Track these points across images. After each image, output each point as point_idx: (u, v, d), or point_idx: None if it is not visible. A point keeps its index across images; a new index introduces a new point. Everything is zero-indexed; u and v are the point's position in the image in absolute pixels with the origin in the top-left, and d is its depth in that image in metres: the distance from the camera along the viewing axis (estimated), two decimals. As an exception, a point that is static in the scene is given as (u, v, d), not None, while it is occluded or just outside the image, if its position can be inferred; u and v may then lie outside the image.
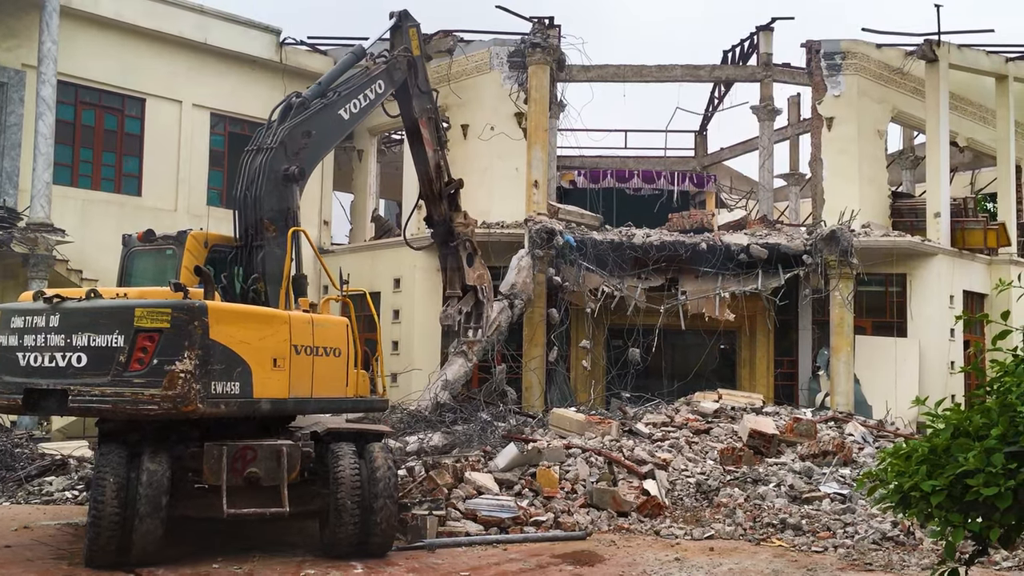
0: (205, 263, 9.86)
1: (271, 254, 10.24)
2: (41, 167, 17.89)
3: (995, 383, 4.56)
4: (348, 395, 10.00)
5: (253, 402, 8.74)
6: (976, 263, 22.23)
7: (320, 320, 9.80)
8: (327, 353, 9.60)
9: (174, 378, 8.12)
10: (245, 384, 8.64)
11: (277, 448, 8.88)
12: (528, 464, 12.39)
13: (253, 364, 8.70)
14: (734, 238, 20.03)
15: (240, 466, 8.67)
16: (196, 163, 22.40)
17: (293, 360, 9.13)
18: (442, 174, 15.18)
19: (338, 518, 8.98)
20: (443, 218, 15.46)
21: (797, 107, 27.87)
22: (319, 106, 11.54)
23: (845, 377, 19.58)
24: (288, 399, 9.10)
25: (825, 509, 11.61)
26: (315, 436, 9.40)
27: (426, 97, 14.60)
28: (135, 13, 21.24)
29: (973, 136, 25.52)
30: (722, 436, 14.81)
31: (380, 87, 13.08)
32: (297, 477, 8.99)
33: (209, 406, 8.32)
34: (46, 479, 13.19)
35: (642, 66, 23.94)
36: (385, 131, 26.05)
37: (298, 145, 10.91)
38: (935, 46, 22.12)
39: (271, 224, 10.35)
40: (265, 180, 10.49)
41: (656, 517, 11.47)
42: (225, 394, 8.47)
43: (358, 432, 9.59)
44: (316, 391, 9.40)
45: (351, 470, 9.05)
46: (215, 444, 8.63)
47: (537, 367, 19.28)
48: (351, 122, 12.41)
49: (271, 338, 8.97)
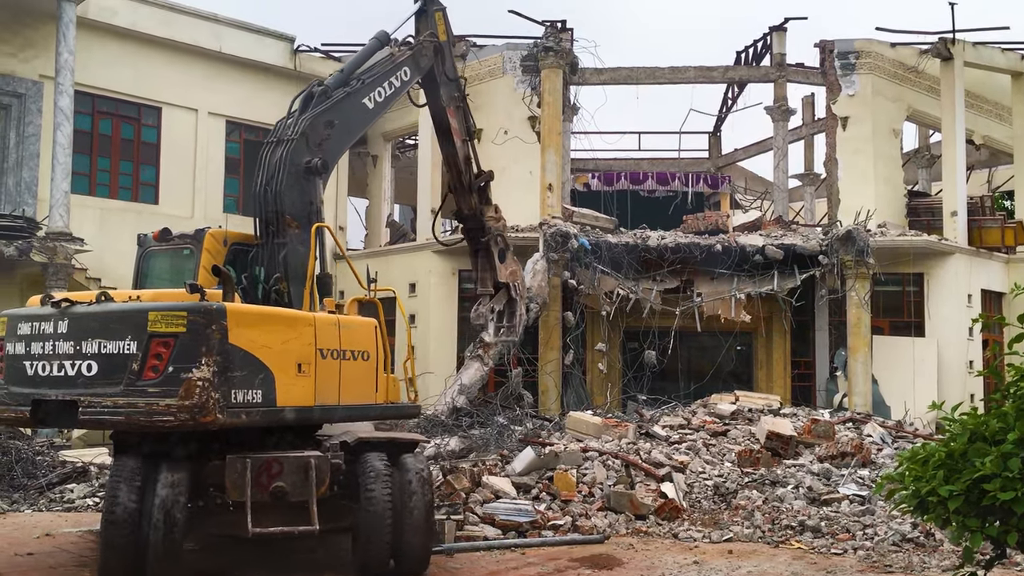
0: (224, 263, 9.39)
1: (294, 252, 9.61)
2: (59, 177, 18.05)
3: (1012, 387, 4.56)
4: (378, 401, 9.36)
5: (277, 411, 8.16)
6: (994, 262, 22.09)
7: (347, 322, 9.15)
8: (355, 357, 9.01)
9: (191, 387, 7.53)
10: (268, 392, 8.07)
11: (305, 460, 8.23)
12: (545, 468, 12.42)
13: (276, 370, 8.14)
14: (749, 239, 19.99)
15: (265, 480, 8.05)
16: (212, 170, 22.56)
17: (319, 365, 8.55)
18: (471, 166, 14.52)
19: (369, 536, 8.35)
20: (473, 212, 14.90)
21: (811, 107, 27.77)
22: (342, 95, 10.86)
23: (863, 378, 19.49)
24: (314, 407, 8.51)
25: (844, 511, 11.57)
26: (344, 446, 8.73)
27: (453, 85, 13.98)
28: (151, 23, 21.44)
29: (989, 134, 25.38)
30: (739, 438, 14.78)
31: (406, 74, 12.42)
32: (327, 491, 8.35)
33: (229, 416, 7.74)
34: (67, 486, 13.31)
35: (655, 68, 23.94)
36: (399, 136, 26.15)
37: (320, 136, 10.27)
38: (950, 44, 22.01)
39: (293, 220, 9.72)
40: (286, 173, 9.84)
41: (674, 520, 11.46)
42: (246, 403, 7.91)
43: (390, 441, 9.03)
44: (344, 398, 8.83)
45: (383, 483, 8.44)
46: (238, 457, 8.03)
47: (553, 370, 19.29)
48: (376, 111, 11.72)
49: (295, 342, 8.39)
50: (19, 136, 19.66)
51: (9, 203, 19.26)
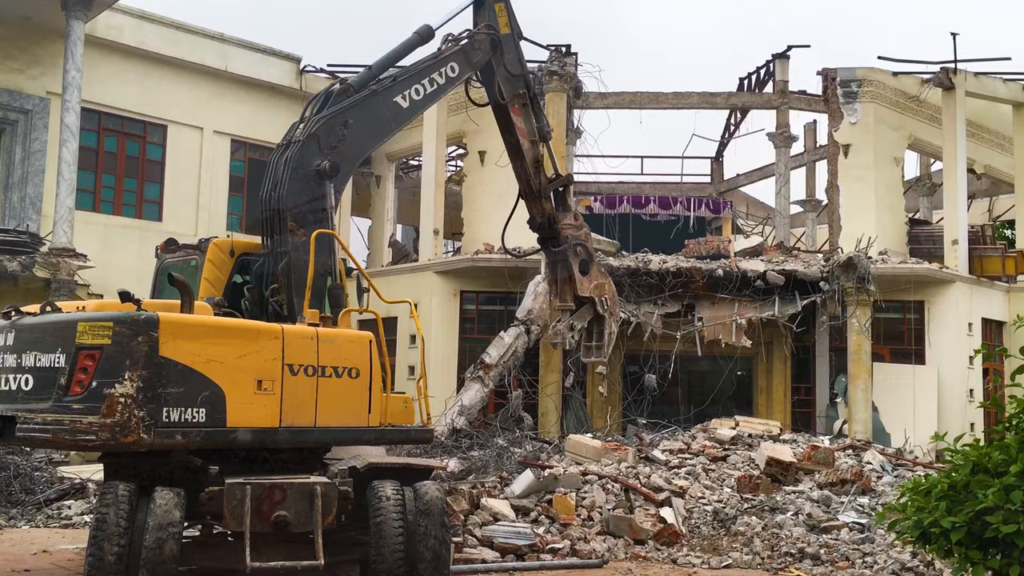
0: (232, 274, 9.00)
1: (297, 261, 8.90)
2: (64, 193, 18.13)
3: (1014, 419, 4.57)
4: (373, 424, 8.46)
5: (226, 432, 7.46)
6: (994, 291, 22.12)
7: (329, 335, 8.28)
8: (339, 374, 8.18)
9: (113, 403, 6.94)
10: (215, 410, 7.39)
11: (310, 487, 7.59)
12: (544, 491, 12.37)
13: (227, 387, 7.46)
14: (751, 264, 20.03)
15: (267, 509, 7.41)
16: (216, 189, 22.66)
17: (288, 382, 7.81)
18: (541, 169, 13.14)
19: (379, 572, 7.70)
20: (546, 220, 13.41)
21: (813, 134, 27.90)
22: (366, 93, 10.04)
23: (863, 405, 19.47)
24: (279, 429, 7.76)
25: (844, 538, 11.53)
26: (354, 472, 8.08)
27: (518, 81, 12.53)
28: (158, 41, 21.60)
29: (991, 163, 25.47)
30: (739, 463, 14.75)
31: (452, 70, 11.25)
32: (333, 522, 7.70)
33: (159, 437, 7.12)
34: (65, 503, 13.28)
35: (658, 93, 24.07)
36: (403, 156, 26.25)
37: (335, 137, 9.48)
38: (952, 74, 22.14)
39: (298, 227, 9.02)
40: (290, 176, 9.17)
41: (673, 545, 11.42)
42: (184, 422, 7.24)
43: (404, 467, 8.37)
44: (323, 419, 8.04)
45: (395, 513, 7.76)
46: (237, 483, 7.40)
47: (553, 393, 19.28)
48: (412, 111, 10.69)
49: (255, 356, 7.66)
50: (25, 152, 19.76)
51: (13, 218, 19.33)
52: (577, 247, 13.52)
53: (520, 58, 12.56)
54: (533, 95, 12.80)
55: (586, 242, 13.65)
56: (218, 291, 8.93)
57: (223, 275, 9.10)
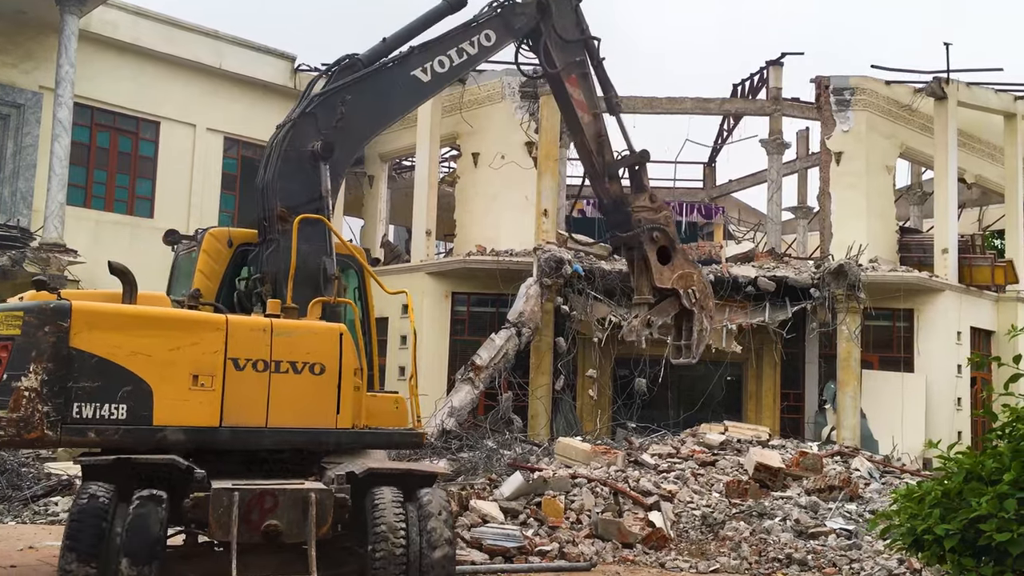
0: (229, 265, 8.52)
1: (286, 249, 8.28)
2: (55, 188, 18.05)
3: (1007, 427, 4.60)
4: (342, 426, 7.78)
5: (152, 431, 6.92)
6: (984, 300, 22.23)
7: (286, 327, 7.59)
8: (298, 370, 7.50)
9: (19, 397, 6.52)
10: (139, 407, 6.87)
11: (304, 494, 7.03)
12: (534, 493, 12.38)
13: (154, 381, 6.92)
14: (742, 270, 20.08)
15: (256, 517, 6.84)
16: (209, 186, 22.59)
17: (231, 377, 7.21)
18: (605, 145, 11.72)
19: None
20: (613, 202, 11.96)
21: (806, 141, 28.00)
22: (376, 67, 9.30)
23: (852, 411, 19.54)
24: (220, 428, 7.18)
25: (831, 545, 11.57)
26: (351, 478, 7.43)
27: (575, 47, 11.24)
28: (152, 38, 21.52)
29: (981, 173, 25.61)
30: (728, 468, 14.78)
31: (488, 39, 10.13)
32: (329, 531, 7.16)
33: (69, 434, 6.67)
34: (52, 499, 13.23)
35: (652, 98, 24.09)
36: (396, 156, 26.24)
37: (334, 116, 8.78)
38: (944, 84, 22.25)
39: (289, 213, 8.39)
40: (282, 158, 8.59)
41: (661, 549, 11.44)
42: (100, 419, 6.73)
43: (406, 473, 7.68)
44: (277, 419, 7.41)
45: (396, 523, 7.16)
46: (224, 488, 6.84)
47: (543, 395, 19.28)
48: (434, 85, 9.72)
49: (191, 349, 7.08)
50: (17, 146, 19.67)
51: (4, 213, 19.23)
52: (655, 232, 11.92)
53: (579, 22, 11.22)
54: (598, 62, 11.44)
55: (666, 226, 12.07)
56: (214, 284, 8.43)
57: (219, 267, 8.58)
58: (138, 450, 6.86)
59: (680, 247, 12.31)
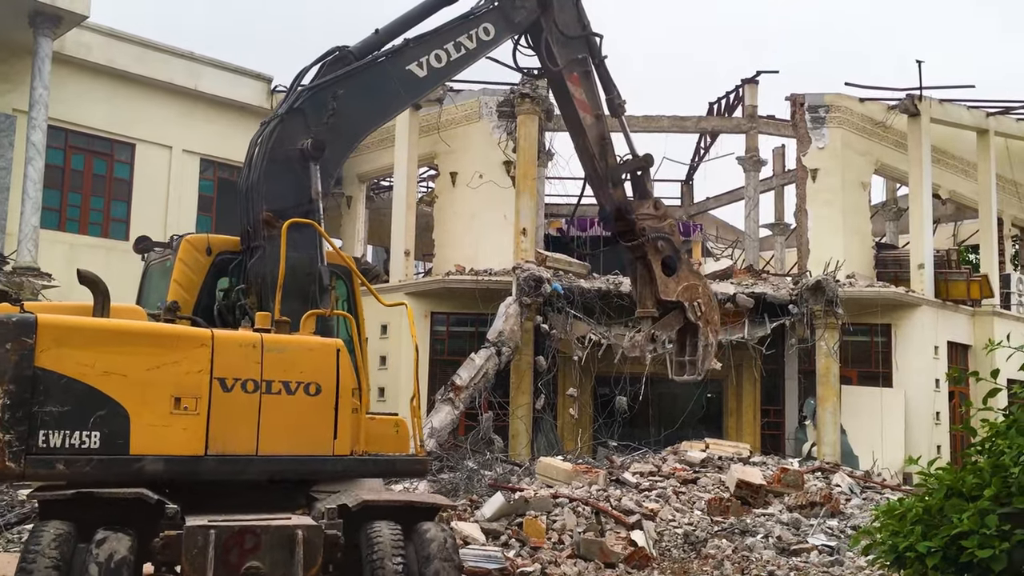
0: (209, 275, 7.89)
1: (271, 257, 7.57)
2: (29, 211, 17.89)
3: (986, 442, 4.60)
4: (340, 453, 7.03)
5: (129, 461, 6.21)
6: (960, 314, 22.40)
7: (278, 343, 6.87)
8: (292, 390, 6.80)
9: None
10: (115, 434, 6.16)
11: (290, 531, 6.26)
12: (515, 514, 12.29)
13: (131, 405, 6.23)
14: (720, 287, 20.13)
15: (235, 558, 6.10)
16: (185, 208, 22.45)
17: (217, 400, 6.52)
18: (608, 149, 11.07)
19: None
20: (616, 208, 11.25)
21: (782, 158, 28.23)
22: (367, 61, 8.75)
23: (832, 427, 19.60)
24: (206, 457, 6.46)
25: (813, 561, 11.55)
26: (344, 512, 6.65)
27: (578, 44, 10.68)
28: (127, 59, 21.44)
29: (955, 188, 25.87)
30: (709, 486, 14.75)
31: (487, 32, 9.62)
32: (319, 573, 6.37)
33: (32, 466, 5.95)
34: (26, 526, 13.00)
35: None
36: (374, 177, 26.22)
37: (324, 112, 8.19)
38: (917, 101, 22.49)
39: (275, 217, 7.68)
40: (267, 158, 7.95)
41: (643, 568, 11.37)
42: (69, 449, 6.01)
43: (406, 506, 6.98)
44: (268, 446, 6.69)
45: (396, 562, 6.43)
46: (199, 526, 6.10)
47: (524, 415, 19.22)
48: (430, 81, 9.19)
49: (171, 368, 6.40)
50: (-10, 169, 19.48)
51: (-23, 237, 19.02)
52: (659, 241, 11.17)
53: (580, 17, 10.76)
54: (600, 60, 10.93)
55: (670, 235, 11.33)
56: (191, 295, 7.80)
57: (197, 277, 7.93)
58: (113, 483, 6.17)
59: (685, 257, 11.65)
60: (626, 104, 11.57)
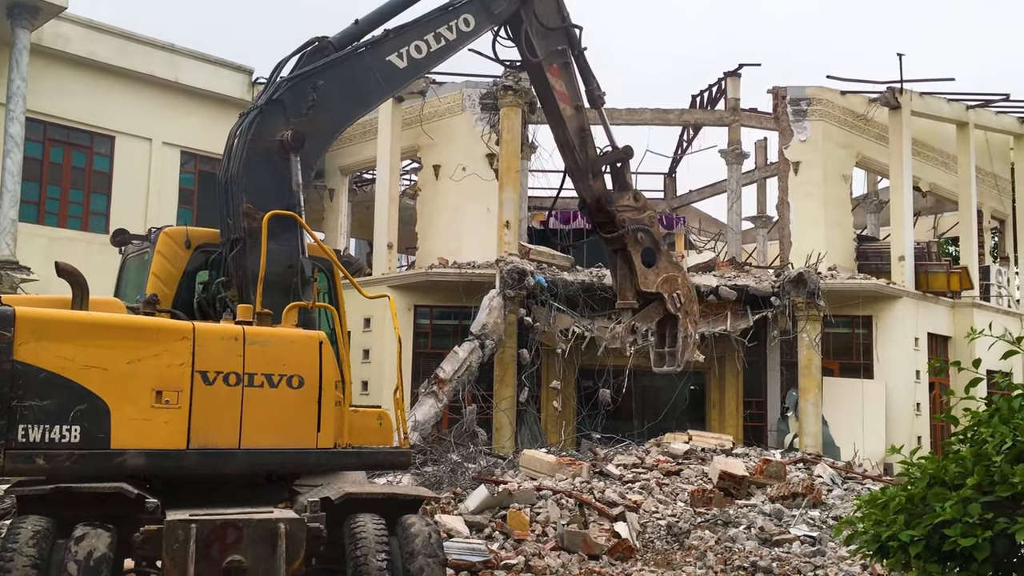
0: (187, 269, 7.84)
1: (251, 249, 7.55)
2: (7, 204, 17.72)
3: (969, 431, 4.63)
4: (323, 446, 6.97)
5: (110, 455, 6.14)
6: (940, 306, 22.56)
7: (261, 335, 6.83)
8: (275, 383, 6.75)
9: None
10: (95, 429, 6.11)
11: (272, 525, 6.22)
12: (499, 506, 12.31)
13: (112, 399, 6.18)
14: (703, 279, 20.19)
15: (217, 553, 6.04)
16: (165, 201, 22.28)
17: (199, 393, 6.47)
18: (587, 140, 11.11)
19: None
20: (596, 200, 11.25)
21: (764, 151, 28.30)
22: (347, 52, 8.72)
23: (814, 418, 19.71)
24: (188, 451, 6.40)
25: (795, 552, 11.62)
26: (327, 505, 6.66)
27: (557, 35, 10.67)
28: (106, 51, 21.23)
29: (935, 181, 26.02)
30: (692, 477, 14.82)
31: (467, 24, 9.63)
32: (301, 566, 6.35)
33: (14, 461, 5.91)
34: (4, 522, 12.89)
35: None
36: (357, 170, 26.11)
37: (304, 103, 8.15)
38: (898, 94, 22.60)
39: (255, 210, 7.63)
40: (247, 149, 7.87)
41: (627, 560, 11.40)
42: (49, 443, 5.96)
43: (388, 498, 7.06)
44: (251, 439, 6.63)
45: (379, 555, 6.42)
46: (180, 520, 6.05)
47: (508, 408, 19.22)
48: (410, 72, 9.17)
49: (152, 361, 6.35)
50: (-33, 162, 19.27)
51: (-46, 230, 18.82)
52: (639, 233, 11.27)
53: (560, 8, 10.78)
54: (579, 52, 10.96)
55: (650, 227, 11.42)
56: (170, 288, 7.74)
57: (176, 270, 7.89)
58: (94, 477, 6.12)
59: (664, 249, 11.74)
60: (606, 96, 11.62)
